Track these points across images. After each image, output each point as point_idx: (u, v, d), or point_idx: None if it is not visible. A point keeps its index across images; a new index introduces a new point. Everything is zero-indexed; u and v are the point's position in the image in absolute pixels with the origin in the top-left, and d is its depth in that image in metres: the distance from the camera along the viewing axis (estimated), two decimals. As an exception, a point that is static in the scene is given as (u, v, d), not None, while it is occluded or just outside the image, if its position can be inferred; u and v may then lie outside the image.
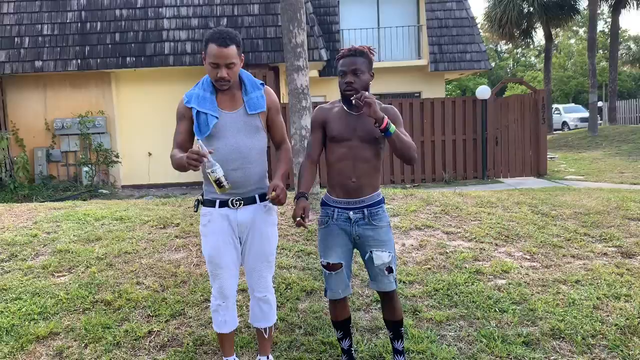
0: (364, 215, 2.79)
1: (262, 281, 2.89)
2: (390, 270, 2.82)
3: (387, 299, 2.92)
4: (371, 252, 2.80)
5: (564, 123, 29.16)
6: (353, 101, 2.65)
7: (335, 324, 3.02)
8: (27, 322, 3.62)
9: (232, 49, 2.62)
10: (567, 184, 10.71)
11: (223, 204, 2.76)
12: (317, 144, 2.91)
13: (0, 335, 3.44)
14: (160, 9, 12.48)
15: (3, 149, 12.06)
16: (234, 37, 2.64)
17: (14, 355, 3.25)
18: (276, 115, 2.89)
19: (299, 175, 2.95)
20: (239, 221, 2.77)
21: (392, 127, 2.65)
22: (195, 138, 2.70)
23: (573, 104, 35.01)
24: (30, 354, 3.27)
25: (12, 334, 3.47)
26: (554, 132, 26.35)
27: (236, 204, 2.76)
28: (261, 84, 2.85)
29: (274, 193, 2.65)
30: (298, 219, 2.66)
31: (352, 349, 3.07)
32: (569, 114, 29.77)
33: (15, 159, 12.14)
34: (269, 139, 2.93)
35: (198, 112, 2.68)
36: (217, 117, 2.67)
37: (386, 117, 2.64)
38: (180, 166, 2.62)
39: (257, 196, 2.80)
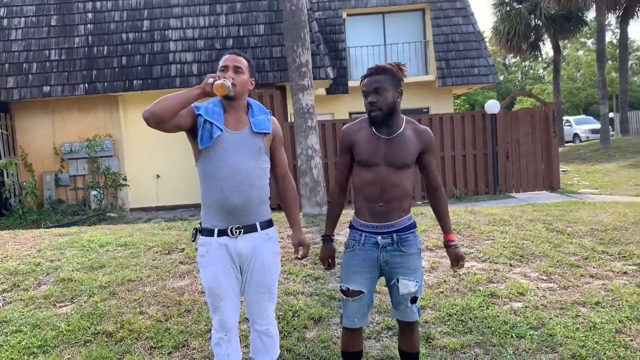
0: (393, 240, 2.64)
1: (264, 313, 2.75)
2: (414, 300, 2.68)
3: (408, 330, 2.78)
4: (398, 280, 2.65)
5: (575, 135, 28.81)
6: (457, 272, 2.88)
7: (344, 355, 2.85)
8: (26, 356, 3.50)
9: (242, 60, 2.69)
10: (581, 197, 10.48)
11: (222, 232, 2.64)
12: (345, 168, 2.80)
13: (-2, 371, 3.34)
14: (166, 32, 12.51)
15: (12, 174, 12.06)
16: (246, 56, 2.75)
17: (11, 392, 3.13)
18: (280, 145, 2.83)
19: (329, 206, 2.93)
20: (239, 251, 2.64)
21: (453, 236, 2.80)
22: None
23: (584, 116, 34.64)
24: (27, 391, 3.16)
25: (10, 369, 3.36)
26: (566, 145, 26.05)
27: (235, 232, 2.63)
28: (268, 112, 2.82)
29: (300, 251, 2.81)
30: (326, 266, 2.86)
31: (361, 384, 2.91)
32: (580, 125, 29.43)
33: (23, 184, 12.13)
34: (271, 171, 2.83)
35: (205, 121, 2.60)
36: (221, 130, 2.61)
37: (458, 248, 2.76)
38: (185, 96, 2.54)
39: (257, 224, 2.69)
